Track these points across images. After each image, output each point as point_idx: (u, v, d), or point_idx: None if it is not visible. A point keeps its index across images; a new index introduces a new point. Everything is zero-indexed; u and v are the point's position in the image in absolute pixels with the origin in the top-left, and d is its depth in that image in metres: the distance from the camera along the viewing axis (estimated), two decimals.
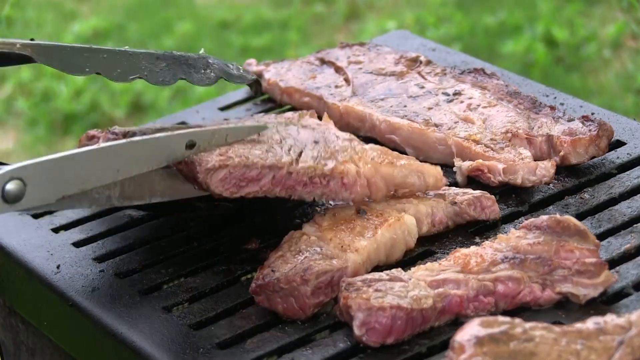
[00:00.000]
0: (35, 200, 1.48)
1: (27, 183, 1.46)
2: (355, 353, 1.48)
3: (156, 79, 1.67)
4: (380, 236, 1.62)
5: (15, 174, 1.45)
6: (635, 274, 1.59)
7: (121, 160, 1.53)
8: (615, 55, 4.69)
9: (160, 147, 1.55)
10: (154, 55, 1.69)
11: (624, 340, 1.35)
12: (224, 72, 1.72)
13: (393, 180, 1.69)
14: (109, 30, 5.16)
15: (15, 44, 1.62)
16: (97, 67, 1.64)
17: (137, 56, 1.67)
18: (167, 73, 1.68)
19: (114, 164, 1.52)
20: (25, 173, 1.45)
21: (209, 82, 1.70)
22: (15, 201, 1.45)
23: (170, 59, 1.70)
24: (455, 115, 1.94)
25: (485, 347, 1.33)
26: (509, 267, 1.54)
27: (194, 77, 1.69)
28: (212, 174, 1.56)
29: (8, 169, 1.44)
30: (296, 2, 5.30)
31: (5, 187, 1.44)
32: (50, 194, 1.49)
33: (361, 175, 1.66)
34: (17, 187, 1.45)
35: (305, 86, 2.12)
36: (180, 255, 1.73)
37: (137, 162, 1.54)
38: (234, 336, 1.54)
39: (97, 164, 1.51)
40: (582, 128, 1.86)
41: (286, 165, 1.60)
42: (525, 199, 1.80)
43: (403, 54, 2.16)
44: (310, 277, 1.53)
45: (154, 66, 1.68)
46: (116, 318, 1.58)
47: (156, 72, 1.67)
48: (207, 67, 1.71)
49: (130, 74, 1.67)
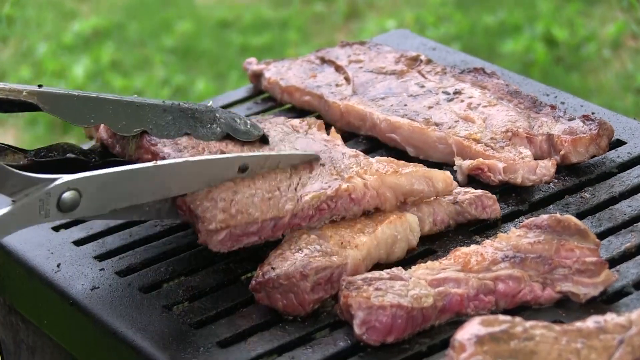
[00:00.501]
0: (88, 210, 1.53)
1: (82, 194, 1.51)
2: (355, 352, 1.48)
3: (161, 132, 1.68)
4: (380, 233, 1.62)
5: (72, 185, 1.50)
6: (635, 273, 1.59)
7: (175, 178, 1.58)
8: (615, 55, 4.69)
9: (214, 167, 1.61)
10: (161, 107, 1.69)
11: (624, 339, 1.35)
12: (230, 127, 1.71)
13: (401, 188, 1.68)
14: (109, 29, 5.16)
15: (21, 91, 1.62)
16: (102, 119, 1.65)
17: (144, 108, 1.67)
18: (172, 127, 1.69)
19: (168, 181, 1.58)
20: (82, 184, 1.51)
21: (215, 138, 1.70)
22: (69, 210, 1.51)
23: (177, 111, 1.70)
24: (455, 114, 1.94)
25: (486, 346, 1.33)
26: (509, 266, 1.54)
27: (200, 132, 1.70)
28: (212, 235, 1.59)
29: (66, 179, 1.49)
30: (296, 2, 5.31)
31: (62, 197, 1.50)
32: (103, 206, 1.54)
33: (369, 187, 1.66)
34: (73, 197, 1.51)
35: (306, 85, 2.12)
36: (180, 254, 1.73)
37: (190, 181, 1.59)
38: (235, 335, 1.54)
39: (152, 181, 1.56)
40: (583, 127, 1.86)
41: (289, 213, 1.63)
42: (525, 198, 1.80)
43: (403, 53, 2.16)
44: (309, 272, 1.53)
45: (160, 119, 1.68)
46: (116, 317, 1.58)
47: (162, 126, 1.68)
48: (213, 122, 1.71)
49: (134, 127, 1.68)
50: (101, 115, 1.65)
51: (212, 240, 1.60)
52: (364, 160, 1.72)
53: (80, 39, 5.10)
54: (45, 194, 1.49)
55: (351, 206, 1.65)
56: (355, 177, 1.67)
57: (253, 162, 1.64)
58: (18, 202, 1.47)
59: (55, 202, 1.50)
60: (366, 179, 1.67)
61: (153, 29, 5.12)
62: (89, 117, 1.65)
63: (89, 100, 1.65)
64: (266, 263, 1.57)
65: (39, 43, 5.01)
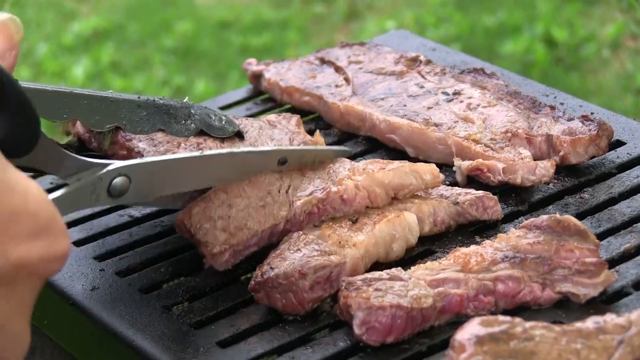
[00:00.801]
0: (135, 197, 1.57)
1: (132, 180, 1.55)
2: (355, 352, 1.49)
3: (134, 128, 1.70)
4: (378, 231, 1.62)
5: (124, 171, 1.54)
6: (635, 274, 1.59)
7: (219, 168, 1.63)
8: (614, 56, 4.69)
9: (256, 160, 1.66)
10: (135, 102, 1.70)
11: (623, 340, 1.35)
12: (205, 123, 1.73)
13: (390, 184, 1.71)
14: (108, 29, 5.16)
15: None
16: (75, 114, 1.66)
17: (118, 103, 1.68)
18: (146, 123, 1.70)
19: (212, 171, 1.63)
20: (133, 171, 1.55)
21: (189, 134, 1.72)
22: (118, 196, 1.55)
23: (151, 107, 1.71)
24: (455, 114, 1.94)
25: (486, 346, 1.33)
26: (509, 266, 1.54)
27: (174, 128, 1.72)
28: (217, 257, 1.63)
29: (118, 165, 1.54)
30: (296, 2, 5.31)
31: (113, 182, 1.54)
32: (150, 192, 1.58)
33: (360, 188, 1.68)
34: (123, 183, 1.54)
35: (306, 85, 2.12)
36: (180, 254, 1.73)
37: (233, 172, 1.65)
38: (235, 335, 1.54)
39: (196, 170, 1.61)
40: (582, 128, 1.86)
41: (284, 220, 1.66)
42: (525, 198, 1.80)
43: (403, 54, 2.16)
44: (308, 271, 1.53)
45: (134, 115, 1.69)
46: (116, 317, 1.58)
47: (135, 122, 1.70)
48: (188, 118, 1.73)
49: (108, 122, 1.69)
50: (75, 111, 1.66)
51: (217, 262, 1.64)
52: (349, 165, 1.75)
53: (80, 40, 5.10)
54: (98, 178, 1.52)
55: (342, 207, 1.67)
56: (346, 179, 1.69)
57: (291, 156, 1.70)
58: (72, 185, 1.50)
59: (106, 187, 1.53)
60: (356, 179, 1.69)
61: (153, 30, 5.12)
62: (62, 113, 1.65)
63: (63, 95, 1.66)
64: (265, 263, 1.58)
65: (39, 43, 5.02)
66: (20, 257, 1.08)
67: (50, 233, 1.10)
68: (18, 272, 1.09)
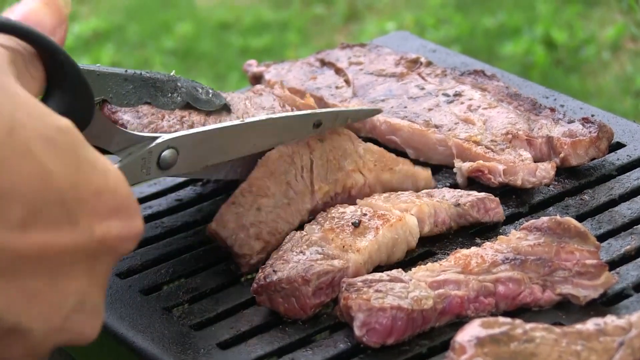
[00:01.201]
0: (183, 167, 1.60)
1: (179, 151, 1.58)
2: (355, 353, 1.49)
3: (121, 101, 1.71)
4: (381, 236, 1.62)
5: (172, 143, 1.57)
6: (635, 276, 1.59)
7: (260, 135, 1.68)
8: (614, 58, 4.69)
9: (293, 123, 1.71)
10: (122, 76, 1.71)
11: (624, 342, 1.35)
12: (191, 96, 1.75)
13: (390, 185, 1.79)
14: (109, 31, 5.16)
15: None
16: None
17: (105, 77, 1.69)
18: (132, 96, 1.72)
19: (253, 138, 1.67)
20: (180, 142, 1.58)
21: (175, 107, 1.73)
22: (168, 168, 1.58)
23: (138, 80, 1.73)
24: (455, 116, 1.94)
25: (486, 348, 1.33)
26: (509, 268, 1.54)
27: (160, 101, 1.73)
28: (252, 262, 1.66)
29: (166, 137, 1.57)
30: (296, 3, 5.31)
31: (162, 155, 1.56)
32: (198, 162, 1.62)
33: (367, 185, 1.77)
34: (171, 155, 1.57)
35: (306, 87, 2.12)
36: (180, 256, 1.73)
37: (272, 137, 1.70)
38: (235, 336, 1.54)
39: (240, 138, 1.65)
40: (582, 130, 1.87)
41: (307, 213, 1.72)
42: (525, 200, 1.80)
43: (403, 55, 2.16)
44: (311, 277, 1.53)
45: (120, 88, 1.71)
46: (116, 318, 1.58)
47: (122, 94, 1.71)
48: (174, 91, 1.75)
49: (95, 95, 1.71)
50: None
51: (252, 266, 1.67)
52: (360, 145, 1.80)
53: (80, 41, 5.10)
54: (148, 152, 1.55)
55: (346, 200, 1.75)
56: (356, 171, 1.76)
57: (326, 118, 1.74)
58: (124, 160, 1.53)
59: (156, 159, 1.56)
60: (365, 174, 1.76)
61: (153, 31, 5.12)
62: None
63: None
64: (268, 265, 1.58)
65: None
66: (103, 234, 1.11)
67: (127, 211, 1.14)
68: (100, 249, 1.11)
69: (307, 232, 1.62)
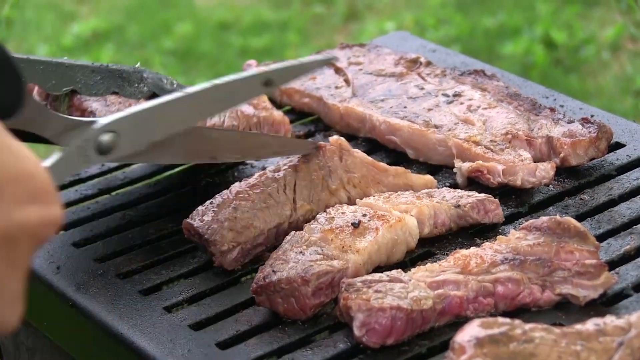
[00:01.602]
0: (126, 149, 1.55)
1: (120, 134, 1.53)
2: (355, 354, 1.49)
3: (90, 91, 1.75)
4: (381, 237, 1.62)
5: (110, 127, 1.52)
6: (634, 276, 1.59)
7: (204, 104, 1.61)
8: (614, 58, 4.69)
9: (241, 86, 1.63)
10: (90, 68, 1.76)
11: (623, 342, 1.35)
12: (157, 86, 1.78)
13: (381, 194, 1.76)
14: (108, 31, 5.16)
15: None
16: (32, 78, 1.73)
17: (73, 68, 1.74)
18: (100, 86, 1.75)
19: (198, 107, 1.61)
20: (119, 125, 1.53)
21: (141, 96, 1.76)
22: (108, 152, 1.53)
23: (105, 72, 1.77)
24: (455, 116, 1.94)
25: (485, 348, 1.33)
26: (508, 268, 1.54)
27: (127, 91, 1.76)
28: (226, 255, 1.66)
29: (104, 122, 1.51)
30: (296, 3, 5.31)
31: (101, 140, 1.51)
32: (140, 142, 1.57)
33: (352, 200, 1.75)
34: (111, 139, 1.52)
35: (305, 87, 2.12)
36: (180, 256, 1.73)
37: (219, 104, 1.63)
38: (234, 336, 1.54)
39: (183, 109, 1.60)
40: (582, 130, 1.87)
41: (287, 219, 1.71)
42: (525, 200, 1.80)
43: (403, 55, 2.16)
44: (311, 278, 1.53)
45: (89, 79, 1.75)
46: (116, 319, 1.58)
47: (90, 85, 1.75)
48: (140, 81, 1.77)
49: (64, 86, 1.75)
50: (31, 75, 1.73)
51: (226, 260, 1.66)
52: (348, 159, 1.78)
53: (80, 41, 5.10)
54: (85, 140, 1.51)
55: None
56: (341, 189, 1.76)
57: (275, 75, 1.64)
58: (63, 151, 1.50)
59: (95, 145, 1.52)
60: (349, 191, 1.76)
61: (153, 31, 5.12)
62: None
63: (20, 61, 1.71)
64: (267, 265, 1.58)
65: (39, 45, 5.01)
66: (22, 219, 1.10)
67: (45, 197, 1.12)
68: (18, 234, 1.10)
69: (306, 232, 1.62)
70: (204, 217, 1.67)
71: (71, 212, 1.85)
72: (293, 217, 1.71)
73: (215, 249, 1.65)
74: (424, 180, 1.80)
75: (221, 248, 1.64)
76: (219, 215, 1.67)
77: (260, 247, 1.68)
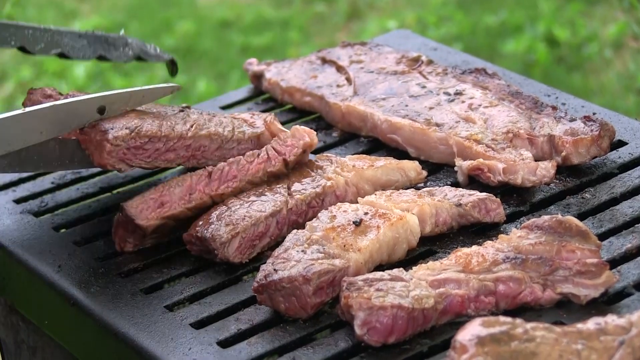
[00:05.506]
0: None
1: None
2: (356, 352, 1.48)
3: (77, 54, 1.83)
4: (382, 235, 1.62)
5: None
6: (636, 274, 1.59)
7: (44, 123, 1.66)
8: (616, 55, 4.69)
9: (77, 110, 1.67)
10: (77, 33, 1.84)
11: (624, 341, 1.35)
12: (141, 50, 1.86)
13: (378, 181, 1.81)
14: (109, 29, 5.15)
15: None
16: (21, 41, 1.80)
17: (61, 33, 1.82)
18: (87, 49, 1.84)
19: (38, 126, 1.65)
20: None
21: (127, 60, 1.84)
22: None
23: (91, 37, 1.86)
24: (456, 115, 1.94)
25: (487, 347, 1.33)
26: (510, 267, 1.54)
27: (113, 54, 1.84)
28: (227, 246, 1.66)
29: None
30: (297, 2, 5.30)
31: None
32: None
33: (349, 184, 1.77)
34: None
35: (307, 86, 2.11)
36: (181, 255, 1.73)
37: (56, 125, 1.67)
38: (236, 335, 1.54)
39: (24, 127, 1.63)
40: (584, 128, 1.86)
41: (284, 206, 1.72)
42: (526, 198, 1.79)
43: (404, 54, 2.16)
44: (312, 276, 1.53)
45: (76, 42, 1.83)
46: (117, 317, 1.58)
47: (77, 48, 1.84)
48: (125, 46, 1.86)
49: (52, 49, 1.83)
50: (21, 39, 1.81)
51: (228, 252, 1.66)
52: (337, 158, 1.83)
53: None
54: None
55: (336, 202, 1.75)
56: (336, 174, 1.78)
57: (111, 101, 1.68)
58: None
59: None
60: (345, 176, 1.78)
61: (154, 29, 5.12)
62: (9, 40, 1.80)
63: (10, 26, 1.80)
64: (269, 263, 1.57)
65: None
66: None
67: None
68: None
69: (308, 231, 1.62)
70: (200, 222, 1.70)
71: (72, 210, 1.85)
72: (290, 204, 1.72)
73: (215, 244, 1.65)
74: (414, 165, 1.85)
75: (221, 240, 1.65)
76: (214, 218, 1.69)
77: (264, 238, 1.69)
